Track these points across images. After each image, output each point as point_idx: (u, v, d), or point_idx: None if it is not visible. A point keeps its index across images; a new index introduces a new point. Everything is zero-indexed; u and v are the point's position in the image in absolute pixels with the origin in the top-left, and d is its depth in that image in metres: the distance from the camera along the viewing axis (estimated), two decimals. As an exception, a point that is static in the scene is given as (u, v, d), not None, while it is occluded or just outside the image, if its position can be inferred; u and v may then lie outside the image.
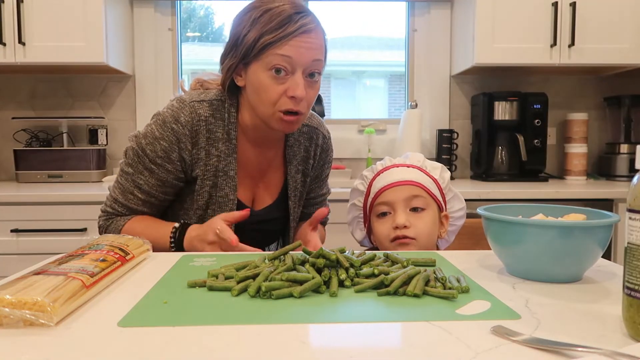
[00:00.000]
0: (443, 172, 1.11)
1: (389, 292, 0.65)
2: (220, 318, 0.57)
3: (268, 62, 0.97)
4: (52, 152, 2.26)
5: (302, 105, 1.01)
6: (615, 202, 1.96)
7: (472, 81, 2.56)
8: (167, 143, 1.04)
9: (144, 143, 1.04)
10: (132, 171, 1.07)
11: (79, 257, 0.69)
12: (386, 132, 2.57)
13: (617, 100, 2.46)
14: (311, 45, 0.98)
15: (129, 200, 1.08)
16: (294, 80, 0.98)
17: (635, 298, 0.50)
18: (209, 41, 2.76)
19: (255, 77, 1.00)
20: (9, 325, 0.54)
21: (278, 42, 0.96)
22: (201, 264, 0.83)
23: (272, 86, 0.99)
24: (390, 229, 1.04)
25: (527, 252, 0.70)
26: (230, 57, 1.03)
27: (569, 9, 2.15)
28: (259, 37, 0.97)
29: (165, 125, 1.04)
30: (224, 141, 1.07)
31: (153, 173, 1.05)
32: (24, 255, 1.84)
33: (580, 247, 0.68)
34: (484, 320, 0.56)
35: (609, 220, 0.69)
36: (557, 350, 0.48)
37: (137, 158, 1.06)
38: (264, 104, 1.00)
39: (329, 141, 1.25)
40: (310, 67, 1.00)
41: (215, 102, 1.07)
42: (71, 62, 2.11)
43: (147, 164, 1.05)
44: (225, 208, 1.08)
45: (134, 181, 1.07)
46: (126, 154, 1.08)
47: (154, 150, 1.04)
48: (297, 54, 0.97)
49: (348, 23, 2.70)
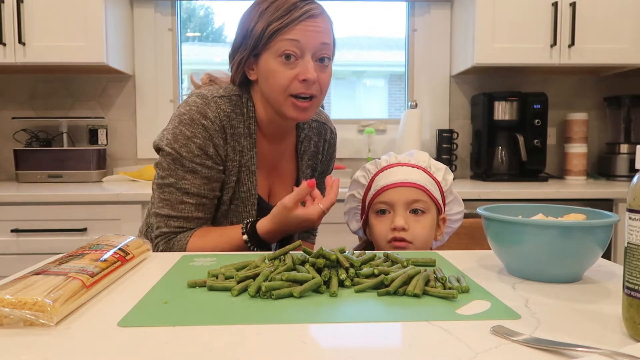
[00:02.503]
0: (447, 174, 1.10)
1: (389, 292, 0.65)
2: (220, 318, 0.57)
3: (277, 49, 1.00)
4: (52, 152, 2.26)
5: (314, 88, 1.02)
6: (615, 202, 1.96)
7: (472, 81, 2.56)
8: (201, 140, 1.02)
9: (177, 147, 1.02)
10: (173, 180, 1.03)
11: (79, 257, 0.69)
12: (386, 132, 2.58)
13: (617, 100, 2.46)
14: (318, 28, 1.01)
15: (182, 211, 1.04)
16: (304, 64, 1.00)
17: (635, 298, 0.50)
18: (209, 41, 2.75)
19: (266, 66, 1.02)
20: (9, 325, 0.54)
21: (285, 28, 0.99)
22: (201, 264, 0.83)
23: (282, 72, 1.00)
24: (388, 229, 1.03)
25: (526, 252, 0.70)
26: (240, 51, 1.05)
27: (569, 9, 2.16)
28: (267, 26, 1.00)
29: (194, 123, 1.02)
30: (246, 136, 1.07)
31: (196, 173, 1.03)
32: (24, 255, 1.84)
33: (580, 248, 0.68)
34: (484, 320, 0.56)
35: (609, 221, 0.69)
36: (557, 350, 0.48)
37: (174, 165, 1.03)
38: (276, 90, 1.02)
39: (335, 137, 1.28)
40: (319, 51, 1.01)
41: (234, 97, 1.07)
42: (71, 62, 2.11)
43: (188, 165, 1.02)
44: (247, 203, 1.09)
45: (179, 189, 1.03)
46: (159, 167, 1.05)
47: (190, 151, 1.02)
48: (304, 37, 0.99)
49: (348, 23, 2.70)
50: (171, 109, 2.49)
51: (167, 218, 1.05)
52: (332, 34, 1.06)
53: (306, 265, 0.71)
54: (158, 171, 1.06)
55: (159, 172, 1.05)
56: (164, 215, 1.05)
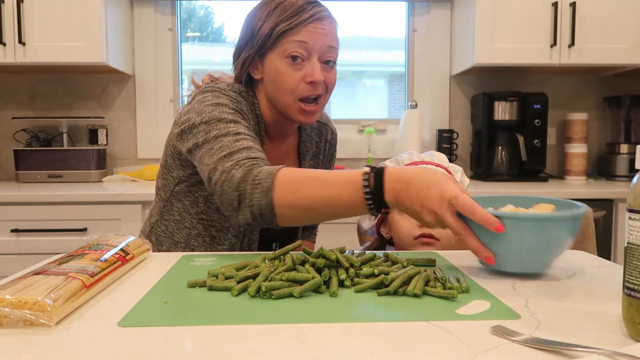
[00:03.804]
0: (463, 176, 1.12)
1: (389, 292, 0.65)
2: (220, 318, 0.57)
3: (284, 49, 1.00)
4: (52, 152, 2.26)
5: (321, 88, 1.02)
6: (615, 202, 1.96)
7: (472, 81, 2.56)
8: (232, 102, 0.98)
9: (209, 112, 0.93)
10: (217, 132, 0.90)
11: (79, 257, 0.69)
12: (386, 132, 2.57)
13: (617, 100, 2.46)
14: (325, 31, 1.01)
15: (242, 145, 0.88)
16: (310, 66, 1.00)
17: (635, 298, 0.50)
18: (209, 41, 2.75)
19: (272, 67, 1.02)
20: (9, 325, 0.54)
21: (293, 29, 0.99)
22: (201, 264, 0.83)
23: (289, 73, 1.01)
24: (414, 226, 1.04)
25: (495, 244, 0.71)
26: (246, 50, 1.05)
27: (569, 9, 2.15)
28: (274, 27, 1.00)
29: (221, 93, 1.00)
30: (255, 133, 1.05)
31: (238, 123, 0.94)
32: (24, 255, 1.84)
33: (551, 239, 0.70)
34: (483, 320, 0.56)
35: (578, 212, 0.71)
36: (557, 350, 0.48)
37: (213, 124, 0.92)
38: (283, 92, 1.02)
39: (336, 137, 1.28)
40: (325, 54, 1.02)
41: (243, 93, 1.07)
42: (71, 62, 2.11)
43: (227, 117, 0.93)
44: None
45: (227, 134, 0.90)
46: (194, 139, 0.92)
47: (223, 111, 0.94)
48: (312, 40, 1.00)
49: (348, 23, 2.69)
50: (171, 109, 2.49)
51: (228, 156, 0.86)
52: (337, 37, 1.07)
53: (306, 265, 0.71)
54: (195, 142, 0.92)
55: (196, 141, 0.92)
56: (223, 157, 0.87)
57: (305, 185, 0.81)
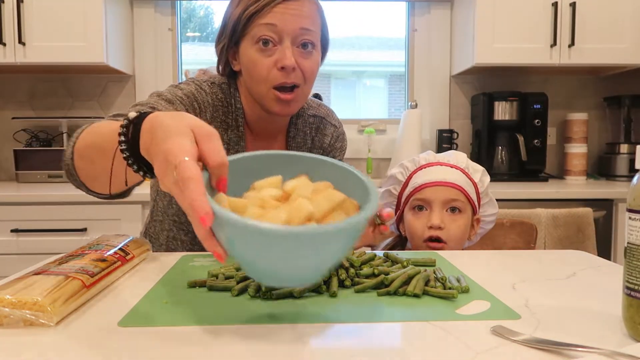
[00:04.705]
0: (484, 176, 1.12)
1: (389, 292, 0.65)
2: (220, 318, 0.57)
3: (254, 34, 0.95)
4: (52, 152, 2.26)
5: (295, 76, 0.95)
6: (615, 202, 1.96)
7: (472, 81, 2.56)
8: (195, 90, 0.97)
9: (160, 91, 0.94)
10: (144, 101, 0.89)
11: (79, 257, 0.69)
12: (386, 132, 2.57)
13: (617, 100, 2.46)
14: (297, 12, 0.94)
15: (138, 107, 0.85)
16: (281, 50, 0.94)
17: (635, 298, 0.50)
18: (209, 41, 2.75)
19: (245, 55, 0.98)
20: (9, 325, 0.54)
21: (261, 11, 0.93)
22: (201, 264, 0.83)
23: (260, 60, 0.95)
24: (424, 227, 1.05)
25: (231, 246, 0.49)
26: (222, 40, 1.01)
27: (569, 9, 2.15)
28: (243, 11, 0.95)
29: (193, 82, 0.99)
30: (233, 128, 1.04)
31: (172, 103, 0.92)
32: (24, 255, 1.84)
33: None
34: (483, 320, 0.56)
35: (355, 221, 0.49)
36: (557, 350, 0.48)
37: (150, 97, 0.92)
38: (256, 81, 0.97)
39: (340, 129, 1.20)
40: (299, 37, 0.95)
41: (224, 85, 1.04)
42: (71, 62, 2.11)
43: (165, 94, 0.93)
44: None
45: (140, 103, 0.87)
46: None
47: (170, 91, 0.94)
48: (281, 21, 0.93)
49: (348, 23, 2.70)
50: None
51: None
52: (318, 19, 0.99)
53: (306, 265, 0.71)
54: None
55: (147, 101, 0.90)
56: None
57: (91, 133, 0.72)
